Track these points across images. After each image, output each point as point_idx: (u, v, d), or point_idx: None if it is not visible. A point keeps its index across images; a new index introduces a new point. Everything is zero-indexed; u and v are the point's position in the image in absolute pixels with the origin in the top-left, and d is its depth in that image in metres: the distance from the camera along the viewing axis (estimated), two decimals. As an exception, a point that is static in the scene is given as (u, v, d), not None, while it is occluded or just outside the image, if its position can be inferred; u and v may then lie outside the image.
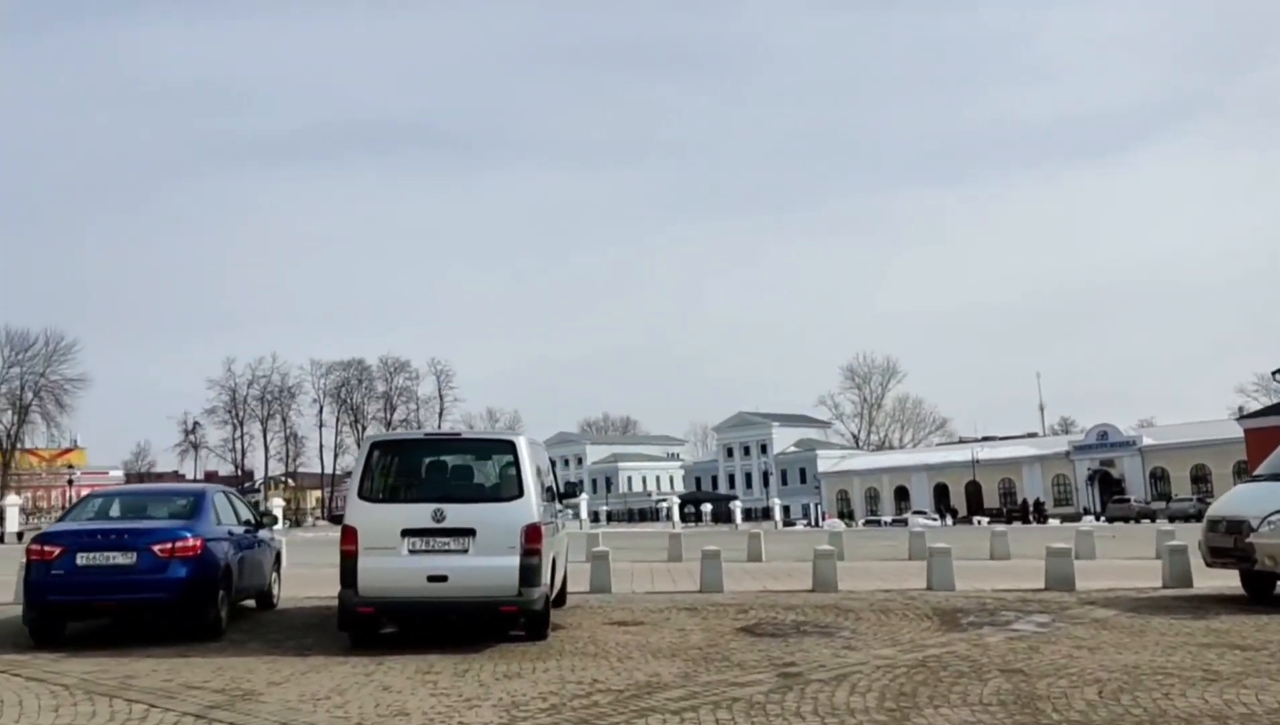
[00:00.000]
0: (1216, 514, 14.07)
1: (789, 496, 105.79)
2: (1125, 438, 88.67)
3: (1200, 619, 11.87)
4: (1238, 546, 13.03)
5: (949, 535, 39.56)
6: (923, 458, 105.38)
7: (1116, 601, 13.76)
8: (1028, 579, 16.35)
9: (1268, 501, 12.95)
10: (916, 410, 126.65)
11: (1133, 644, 10.28)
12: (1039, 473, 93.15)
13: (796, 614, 12.90)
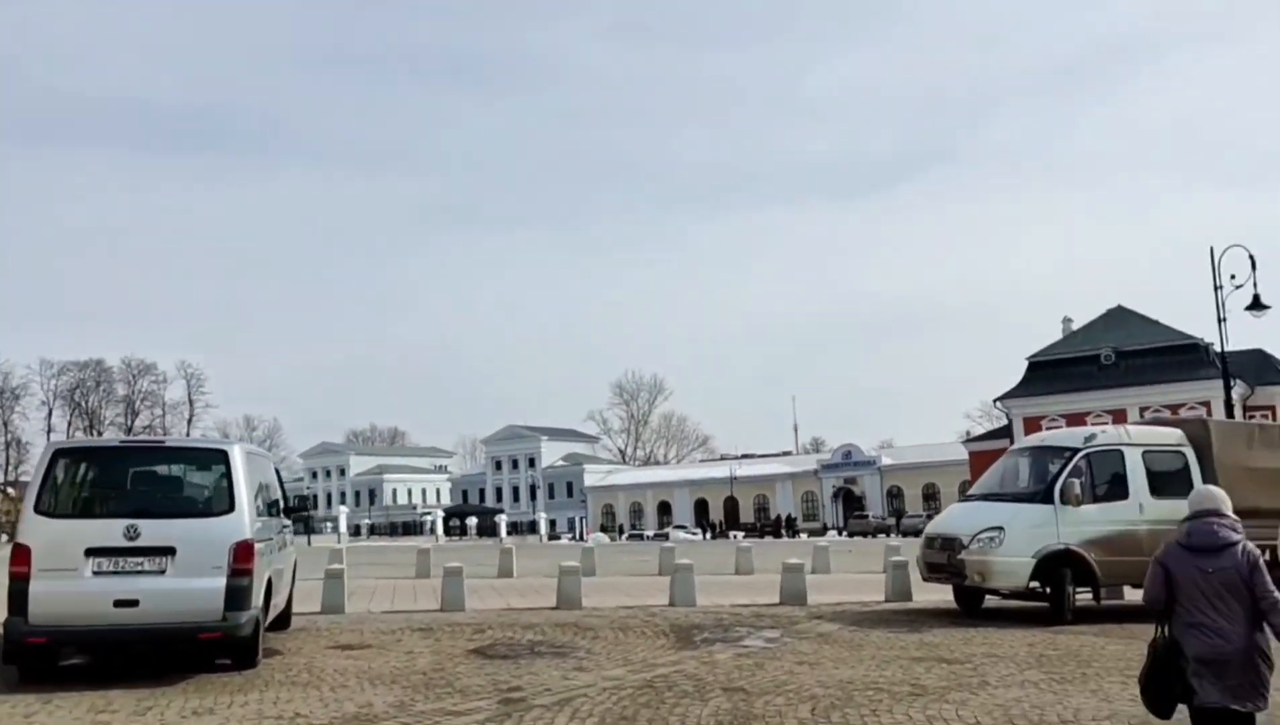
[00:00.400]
0: (933, 532, 14.92)
1: (556, 510, 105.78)
2: (867, 458, 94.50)
3: (915, 633, 12.47)
4: (951, 562, 13.84)
5: (701, 550, 40.58)
6: (685, 473, 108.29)
7: (842, 615, 14.29)
8: (766, 593, 16.79)
9: (978, 520, 13.83)
10: (681, 427, 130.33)
11: (850, 659, 10.62)
12: (790, 489, 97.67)
13: (534, 633, 12.59)
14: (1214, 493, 5.62)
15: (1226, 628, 5.15)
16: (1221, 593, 5.16)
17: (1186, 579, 5.25)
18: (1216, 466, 13.62)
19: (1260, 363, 61.35)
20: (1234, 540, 5.27)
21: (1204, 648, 5.17)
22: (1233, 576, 5.17)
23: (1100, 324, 67.49)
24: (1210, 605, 5.18)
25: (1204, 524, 5.34)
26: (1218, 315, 23.80)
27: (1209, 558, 5.21)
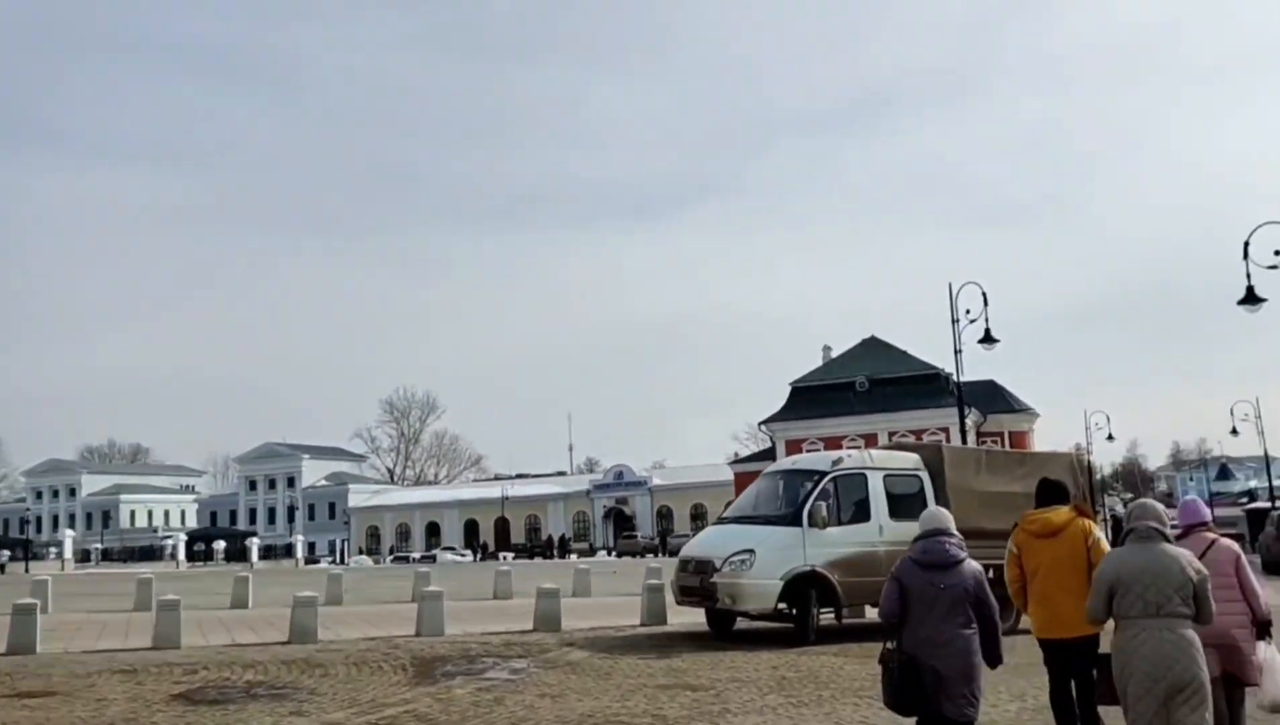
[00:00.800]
0: (687, 554, 14.85)
1: (317, 533, 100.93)
2: (638, 478, 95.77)
3: (665, 658, 12.24)
4: (703, 586, 13.76)
5: (464, 573, 39.53)
6: (456, 494, 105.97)
7: (595, 641, 13.92)
8: (521, 620, 16.21)
9: (731, 543, 13.83)
10: (454, 446, 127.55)
11: (596, 689, 10.20)
12: (562, 510, 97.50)
13: (256, 673, 11.47)
14: (943, 514, 5.93)
15: (951, 639, 5.46)
16: (951, 607, 5.47)
17: (919, 593, 5.53)
18: (948, 489, 14.22)
19: (992, 392, 66.68)
20: (961, 558, 5.62)
21: (932, 659, 5.43)
22: (960, 593, 5.50)
23: (856, 353, 71.48)
24: (940, 618, 5.46)
25: (936, 542, 5.67)
26: (954, 347, 25.37)
27: (941, 574, 5.53)
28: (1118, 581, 5.47)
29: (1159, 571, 5.39)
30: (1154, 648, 5.27)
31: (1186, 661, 5.24)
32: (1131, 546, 5.60)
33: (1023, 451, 17.13)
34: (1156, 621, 5.31)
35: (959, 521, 13.15)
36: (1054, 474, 15.20)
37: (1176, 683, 5.23)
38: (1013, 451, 17.46)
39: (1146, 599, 5.34)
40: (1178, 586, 5.34)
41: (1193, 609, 5.37)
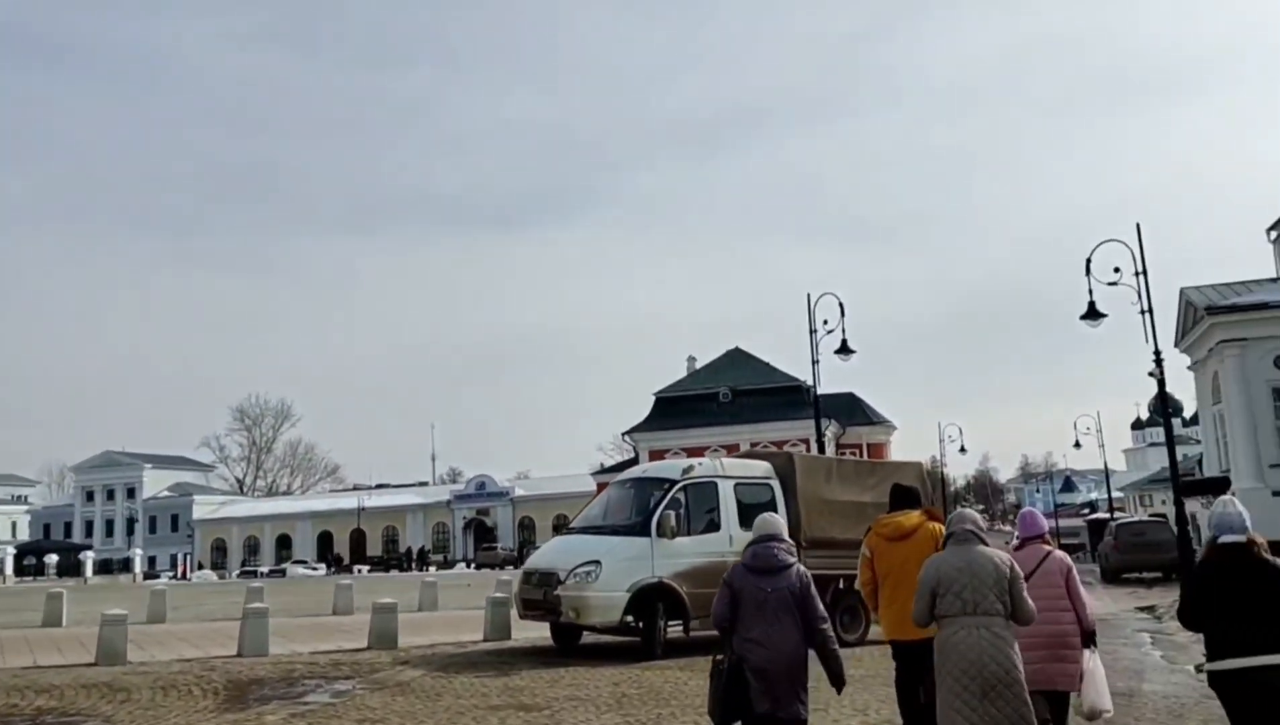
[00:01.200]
0: (531, 566, 14.24)
1: (158, 545, 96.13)
2: (500, 488, 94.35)
3: (502, 676, 11.60)
4: (547, 599, 13.17)
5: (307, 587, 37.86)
6: (308, 504, 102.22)
7: (432, 659, 13.17)
8: (357, 637, 15.30)
9: (577, 554, 13.29)
10: (309, 456, 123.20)
11: (423, 712, 9.51)
12: (422, 521, 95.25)
13: (50, 698, 10.34)
14: (775, 520, 6.03)
15: (779, 642, 5.54)
16: (777, 610, 5.57)
17: (748, 597, 5.63)
18: (799, 498, 14.04)
19: (852, 405, 68.30)
20: (789, 563, 5.72)
21: (759, 660, 5.51)
22: (786, 596, 5.60)
23: (720, 364, 72.13)
24: (766, 621, 5.56)
25: (765, 548, 5.75)
26: (812, 357, 25.57)
27: (769, 578, 5.63)
28: (939, 583, 5.65)
29: (976, 571, 5.59)
30: (971, 644, 5.45)
31: (1001, 658, 5.42)
32: (951, 549, 5.81)
33: (873, 461, 17.12)
34: (974, 619, 5.49)
35: (810, 531, 12.89)
36: (909, 478, 15.36)
37: (991, 678, 5.39)
38: (863, 461, 17.48)
39: (964, 598, 5.53)
40: (993, 584, 5.55)
41: (1008, 607, 5.56)
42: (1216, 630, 5.21)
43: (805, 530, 13.95)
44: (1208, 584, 5.30)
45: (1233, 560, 5.25)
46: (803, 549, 13.99)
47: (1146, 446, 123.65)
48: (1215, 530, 5.42)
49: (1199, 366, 45.16)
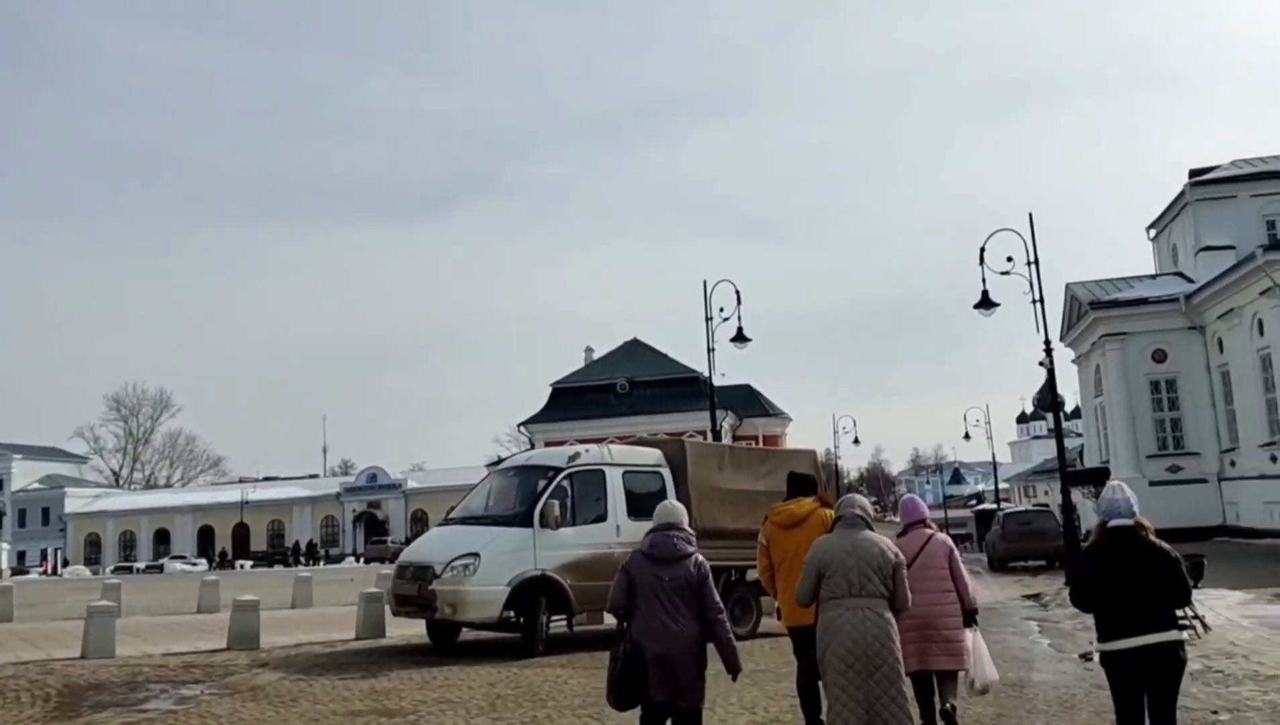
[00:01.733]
0: (405, 559, 13.40)
1: (28, 540, 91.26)
2: (392, 481, 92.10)
3: (369, 678, 10.77)
4: (421, 594, 12.36)
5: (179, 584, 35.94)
6: (189, 498, 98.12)
7: (294, 660, 12.24)
8: (217, 637, 14.21)
9: (454, 546, 12.51)
10: (189, 447, 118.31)
11: (274, 719, 8.68)
12: (310, 514, 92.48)
13: None
14: (675, 508, 6.08)
15: (676, 630, 5.56)
16: (674, 598, 5.59)
17: (645, 585, 5.65)
18: (690, 487, 13.52)
19: (749, 397, 68.62)
20: (688, 552, 5.75)
21: (655, 648, 5.54)
22: (683, 584, 5.62)
23: (617, 355, 71.66)
24: (664, 609, 5.58)
25: (664, 536, 5.79)
26: (707, 345, 25.16)
27: (666, 566, 5.66)
28: (825, 565, 5.74)
29: (862, 554, 5.70)
30: (854, 625, 5.56)
31: (883, 638, 5.55)
32: (839, 532, 5.92)
33: (766, 449, 16.65)
34: (857, 601, 5.61)
35: (701, 520, 12.42)
36: (803, 467, 14.95)
37: (875, 658, 5.51)
38: (756, 448, 16.97)
39: (850, 580, 5.64)
40: (877, 568, 5.67)
41: (890, 591, 5.70)
42: (1107, 611, 5.37)
43: (696, 520, 13.37)
44: (1098, 567, 5.45)
45: (1121, 543, 5.40)
46: (693, 539, 13.55)
47: (1030, 439, 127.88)
48: (1104, 515, 5.54)
49: (1082, 360, 46.49)
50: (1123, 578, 5.32)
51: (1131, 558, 5.35)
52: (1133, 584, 5.29)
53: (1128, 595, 5.29)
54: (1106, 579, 5.39)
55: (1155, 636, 5.24)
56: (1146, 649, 5.23)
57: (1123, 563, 5.35)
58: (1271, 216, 40.40)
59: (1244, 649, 11.43)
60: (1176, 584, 5.31)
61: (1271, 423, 34.71)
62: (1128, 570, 5.32)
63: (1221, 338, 38.34)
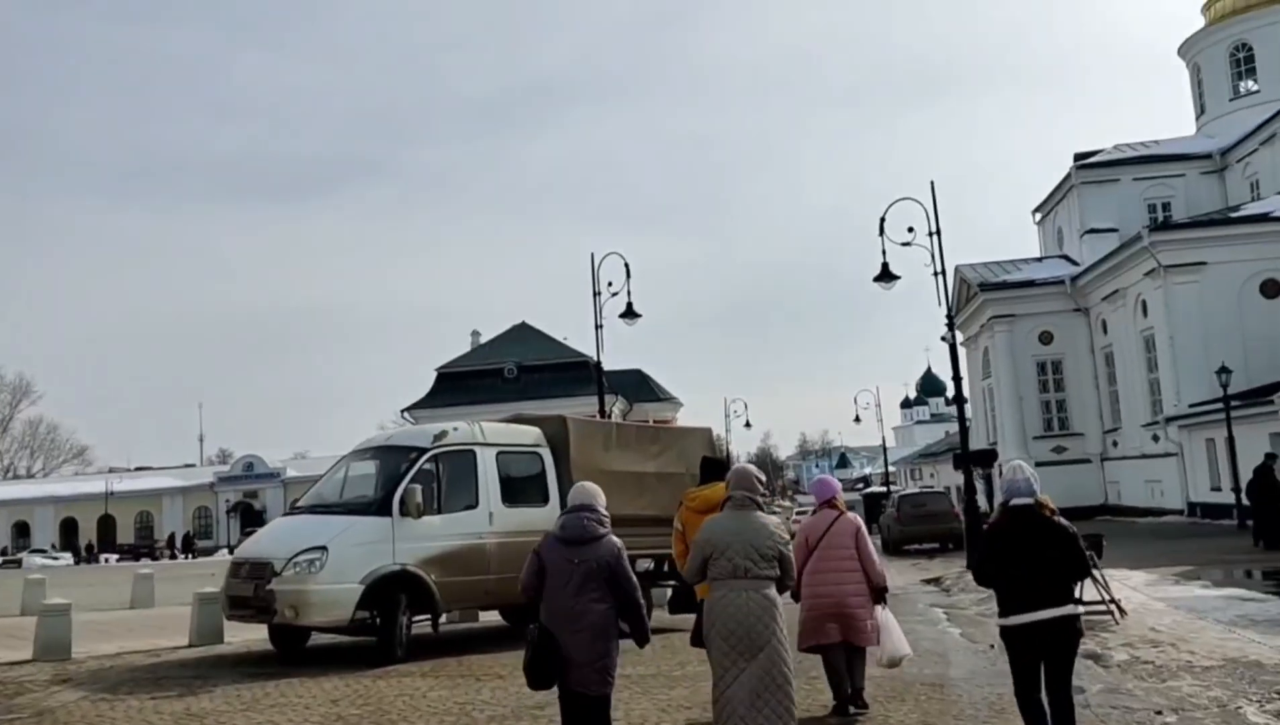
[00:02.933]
0: (241, 555, 11.68)
1: None
2: (270, 469, 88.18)
3: (187, 696, 9.06)
4: (258, 595, 10.65)
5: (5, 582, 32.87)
6: (50, 489, 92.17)
7: (107, 674, 10.41)
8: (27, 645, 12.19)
9: (298, 539, 10.82)
10: (51, 436, 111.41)
11: (47, 758, 6.95)
12: (181, 505, 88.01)
13: None
14: (591, 489, 5.88)
15: (584, 614, 5.44)
16: (585, 581, 5.48)
17: (556, 568, 5.56)
18: (572, 469, 12.10)
19: (639, 382, 67.65)
20: (601, 534, 5.62)
21: (565, 633, 5.43)
22: (594, 567, 5.51)
23: (506, 339, 69.85)
24: (573, 592, 5.48)
25: (577, 517, 5.66)
26: (595, 321, 23.83)
27: (578, 549, 5.55)
28: (711, 546, 5.68)
29: (749, 537, 5.63)
30: (738, 606, 5.53)
31: (766, 619, 5.52)
32: (728, 513, 5.85)
33: (657, 427, 15.24)
34: (743, 582, 5.56)
35: None
36: (691, 451, 13.71)
37: (757, 639, 5.49)
38: (646, 426, 15.49)
39: (735, 562, 5.58)
40: (763, 551, 5.61)
41: (776, 572, 5.66)
42: (1007, 587, 5.56)
43: (579, 505, 12.09)
44: (1000, 544, 5.62)
45: (1022, 521, 5.56)
46: (576, 527, 12.14)
47: (914, 424, 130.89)
48: (1006, 494, 5.68)
49: (971, 342, 46.72)
50: (1023, 554, 5.50)
51: (1031, 535, 5.52)
52: (1032, 560, 5.48)
53: (1027, 571, 5.48)
54: (1008, 556, 5.57)
55: (1052, 611, 5.43)
56: (1044, 623, 5.43)
57: (1023, 540, 5.52)
58: (1153, 200, 41.09)
59: (1168, 636, 10.64)
60: (1074, 560, 5.55)
61: (1154, 403, 35.18)
62: (1027, 547, 5.50)
63: (1105, 319, 38.79)
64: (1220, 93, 42.88)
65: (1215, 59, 43.10)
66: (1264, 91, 40.58)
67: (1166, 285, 32.82)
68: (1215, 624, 11.20)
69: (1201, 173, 41.00)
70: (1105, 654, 9.88)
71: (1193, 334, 32.18)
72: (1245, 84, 42.14)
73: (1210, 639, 10.26)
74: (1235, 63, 42.42)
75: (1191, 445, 31.94)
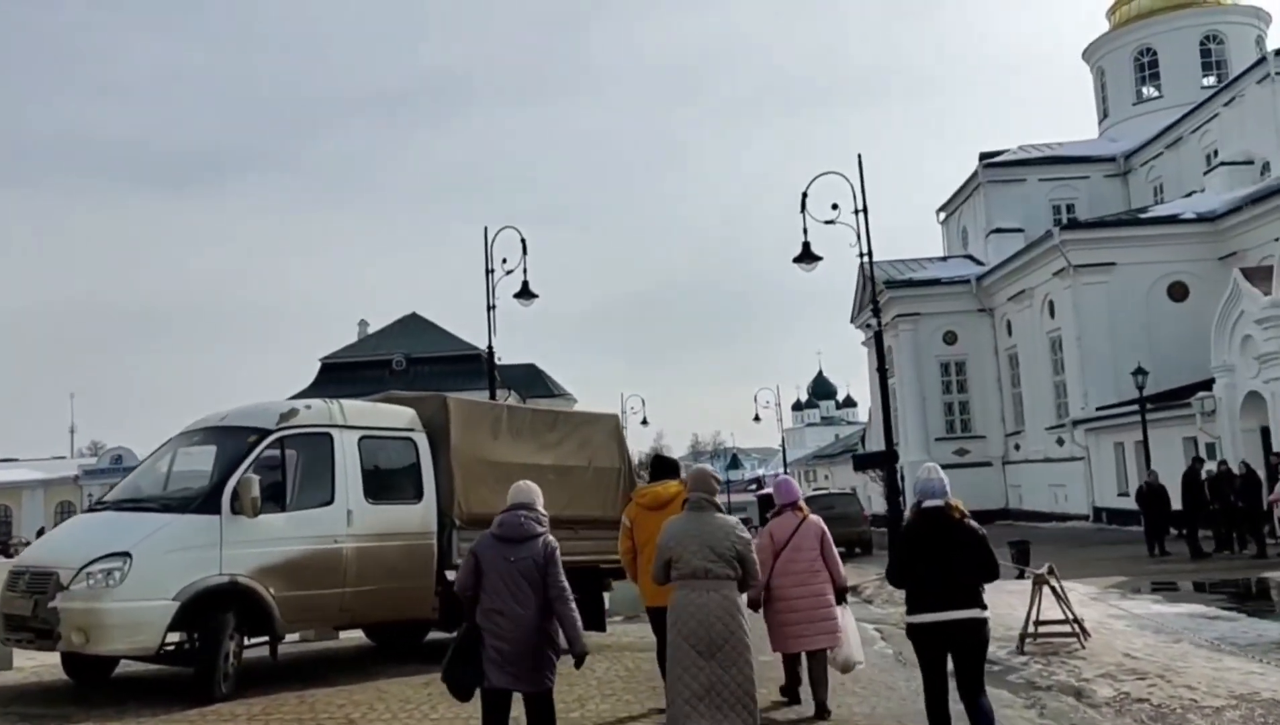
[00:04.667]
0: (21, 563, 9.23)
1: None
2: (139, 461, 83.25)
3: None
4: (38, 615, 8.26)
5: None
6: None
7: None
8: None
9: (94, 543, 8.46)
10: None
11: None
12: (42, 499, 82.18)
13: None
14: (530, 488, 5.85)
15: (520, 613, 5.43)
16: (519, 580, 5.48)
17: (492, 567, 5.54)
18: (454, 459, 10.04)
19: (533, 376, 65.63)
20: (538, 533, 5.64)
21: (500, 631, 5.41)
22: (530, 566, 5.51)
23: (394, 330, 67.05)
24: (508, 592, 5.46)
25: (513, 515, 5.68)
26: (488, 301, 21.95)
27: (514, 547, 5.56)
28: (671, 549, 5.81)
29: (707, 539, 5.76)
30: (700, 605, 5.64)
31: (728, 619, 5.63)
32: (688, 515, 5.96)
33: (556, 412, 13.01)
34: (704, 583, 5.69)
35: (468, 504, 8.65)
36: (595, 441, 11.72)
37: (718, 638, 5.58)
38: (543, 410, 13.16)
39: (695, 564, 5.71)
40: (721, 551, 5.73)
41: (738, 572, 5.79)
42: (917, 587, 5.70)
43: (461, 503, 9.97)
44: (911, 544, 5.80)
45: (933, 523, 5.71)
46: (457, 528, 10.01)
47: (805, 426, 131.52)
48: (919, 496, 5.81)
49: (873, 342, 45.96)
50: (933, 556, 5.61)
51: (941, 537, 5.63)
52: (942, 562, 5.58)
53: (935, 572, 5.57)
54: (919, 557, 5.67)
55: (959, 613, 5.51)
56: (950, 623, 5.50)
57: (933, 542, 5.63)
58: (1058, 201, 40.81)
59: (1150, 664, 9.12)
60: (983, 562, 5.61)
61: (1059, 405, 34.64)
62: (937, 549, 5.61)
63: (1011, 320, 38.24)
64: (1124, 97, 42.96)
65: (1119, 63, 43.17)
66: (1167, 97, 40.74)
67: (1075, 285, 32.25)
68: (1197, 649, 9.77)
69: (1105, 175, 40.92)
70: (1086, 688, 8.29)
71: (1100, 336, 31.66)
72: (1148, 89, 42.30)
73: (1202, 668, 8.77)
74: (1140, 67, 42.53)
75: (1098, 449, 31.39)
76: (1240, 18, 41.73)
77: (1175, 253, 31.54)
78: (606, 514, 10.82)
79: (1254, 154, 33.00)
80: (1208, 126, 35.98)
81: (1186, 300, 31.49)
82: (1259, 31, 41.88)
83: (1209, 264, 30.98)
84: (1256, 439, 23.43)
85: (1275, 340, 21.38)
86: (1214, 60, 40.99)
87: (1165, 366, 29.60)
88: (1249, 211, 29.32)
